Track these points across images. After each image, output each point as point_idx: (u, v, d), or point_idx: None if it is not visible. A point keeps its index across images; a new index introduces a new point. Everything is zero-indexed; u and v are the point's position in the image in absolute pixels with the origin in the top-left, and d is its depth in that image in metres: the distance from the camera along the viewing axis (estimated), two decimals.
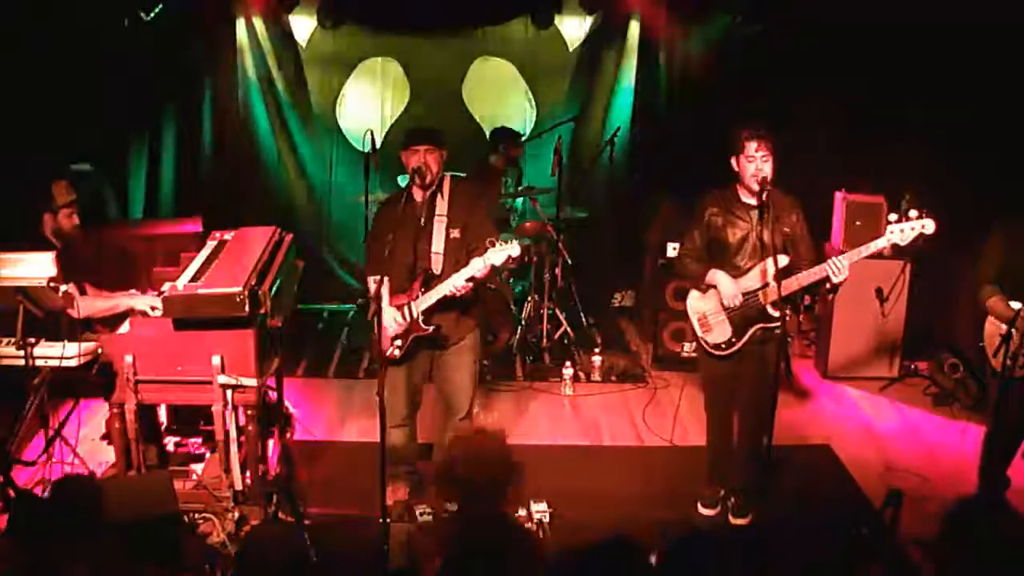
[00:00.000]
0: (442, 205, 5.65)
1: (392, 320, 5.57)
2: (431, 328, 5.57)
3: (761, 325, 5.48)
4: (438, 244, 5.61)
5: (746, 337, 5.53)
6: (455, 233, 5.62)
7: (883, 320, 7.91)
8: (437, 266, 5.60)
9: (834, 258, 5.25)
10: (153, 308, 5.59)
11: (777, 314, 5.29)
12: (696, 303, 5.73)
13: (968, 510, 5.60)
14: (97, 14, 7.55)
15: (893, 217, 5.24)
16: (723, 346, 5.60)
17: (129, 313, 5.67)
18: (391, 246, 5.40)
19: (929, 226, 5.16)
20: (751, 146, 5.30)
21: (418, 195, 5.64)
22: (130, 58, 8.02)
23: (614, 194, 9.72)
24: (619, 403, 7.69)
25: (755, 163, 5.31)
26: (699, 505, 5.98)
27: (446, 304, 5.54)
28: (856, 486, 6.33)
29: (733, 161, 5.44)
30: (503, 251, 5.26)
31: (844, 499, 6.20)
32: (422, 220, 5.63)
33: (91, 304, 5.71)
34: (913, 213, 5.19)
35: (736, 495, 5.89)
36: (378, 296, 5.26)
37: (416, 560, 4.34)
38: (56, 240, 5.81)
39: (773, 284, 5.25)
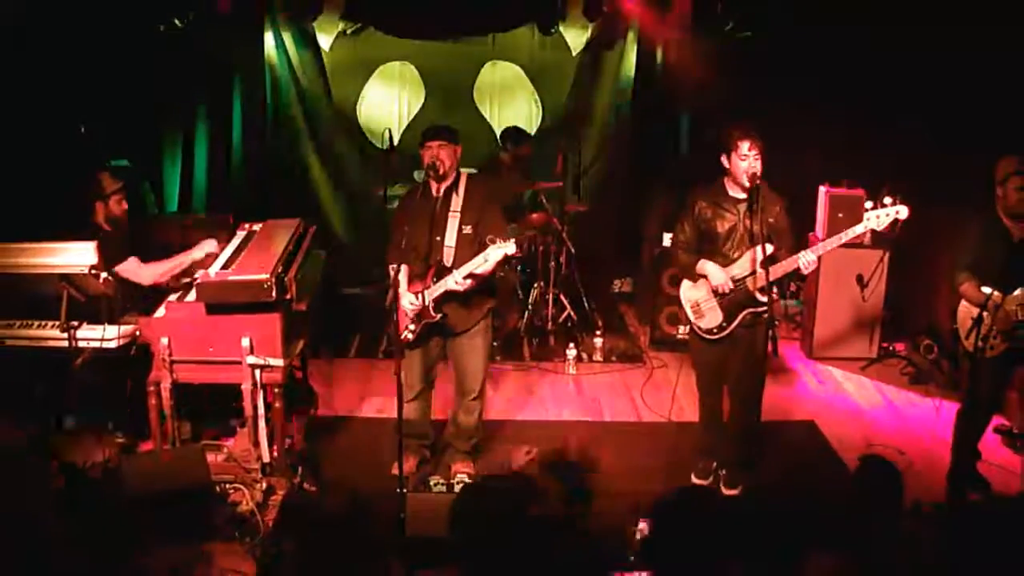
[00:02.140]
0: (457, 201, 5.61)
1: (408, 305, 5.56)
2: (439, 316, 5.57)
3: (750, 310, 5.46)
4: (450, 238, 5.58)
5: (736, 321, 5.50)
6: (467, 229, 5.59)
7: (863, 304, 7.89)
8: (448, 259, 5.57)
9: (803, 252, 5.25)
10: (211, 254, 5.80)
11: (765, 299, 5.28)
12: (688, 292, 5.71)
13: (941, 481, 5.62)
14: (135, 20, 7.53)
15: (869, 204, 5.23)
16: (715, 331, 5.58)
17: (192, 266, 5.80)
18: (408, 237, 5.39)
19: (903, 211, 5.15)
20: (744, 146, 5.28)
21: (435, 189, 5.61)
22: (165, 61, 7.99)
23: (614, 188, 9.68)
24: (619, 382, 7.68)
25: (748, 161, 5.28)
26: (692, 476, 5.98)
27: (455, 295, 5.53)
28: (838, 459, 6.31)
29: (724, 159, 5.40)
30: (500, 249, 5.26)
31: (827, 472, 6.18)
32: (437, 214, 5.60)
33: (155, 270, 5.87)
34: (888, 200, 5.19)
35: (727, 468, 5.88)
36: (396, 283, 5.26)
37: None
38: (108, 225, 5.90)
39: (760, 271, 5.25)
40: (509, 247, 5.26)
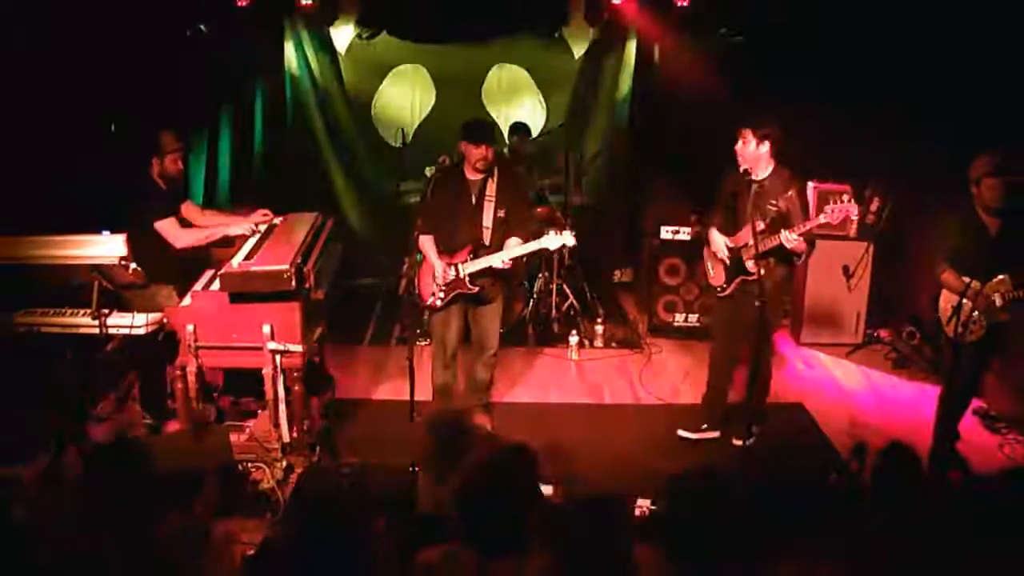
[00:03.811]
0: (491, 187, 5.89)
1: (441, 273, 5.84)
2: (476, 288, 5.90)
3: (742, 277, 5.82)
4: (487, 220, 5.89)
5: (733, 285, 5.90)
6: (501, 213, 5.90)
7: (849, 293, 7.88)
8: (486, 238, 5.90)
9: (783, 231, 5.50)
10: (251, 231, 5.89)
11: (754, 269, 5.59)
12: (707, 253, 6.14)
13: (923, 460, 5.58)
14: (164, 25, 7.51)
15: (829, 200, 5.48)
16: (718, 289, 6.04)
17: (225, 239, 5.89)
18: (445, 215, 5.76)
19: (853, 210, 5.46)
20: (739, 138, 5.72)
21: (471, 175, 5.89)
22: (191, 63, 7.97)
23: (614, 184, 9.66)
24: (619, 367, 7.66)
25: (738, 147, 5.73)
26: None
27: (487, 270, 5.85)
28: (826, 439, 6.31)
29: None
30: (559, 240, 5.75)
31: (816, 451, 6.19)
32: (474, 198, 5.89)
33: (190, 235, 5.88)
34: (845, 197, 5.48)
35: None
36: (409, 272, 5.33)
37: None
38: (161, 182, 5.90)
39: (750, 242, 5.53)
40: (568, 239, 5.73)
